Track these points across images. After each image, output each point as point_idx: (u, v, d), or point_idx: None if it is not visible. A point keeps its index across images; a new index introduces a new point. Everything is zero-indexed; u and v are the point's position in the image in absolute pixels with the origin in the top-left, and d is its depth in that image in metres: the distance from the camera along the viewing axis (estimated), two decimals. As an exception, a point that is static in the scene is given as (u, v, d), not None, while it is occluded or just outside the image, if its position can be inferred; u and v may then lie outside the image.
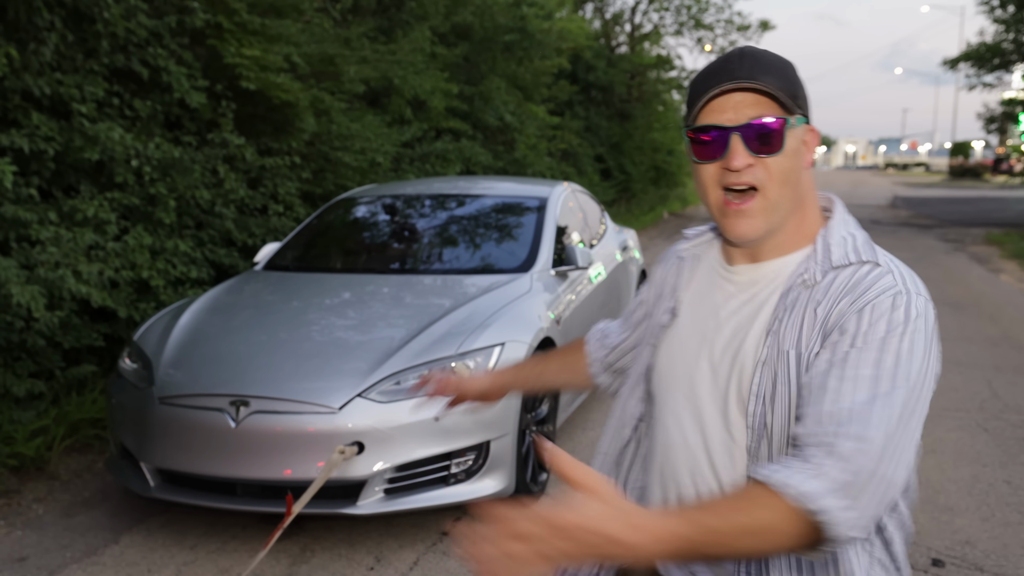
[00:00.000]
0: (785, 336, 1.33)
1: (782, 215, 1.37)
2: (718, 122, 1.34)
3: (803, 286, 1.35)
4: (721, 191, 1.37)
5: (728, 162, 1.34)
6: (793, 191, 1.37)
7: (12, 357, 5.12)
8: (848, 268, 1.34)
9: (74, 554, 3.89)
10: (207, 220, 6.74)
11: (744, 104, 1.33)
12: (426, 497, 3.81)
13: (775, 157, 1.34)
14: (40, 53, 5.41)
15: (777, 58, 1.38)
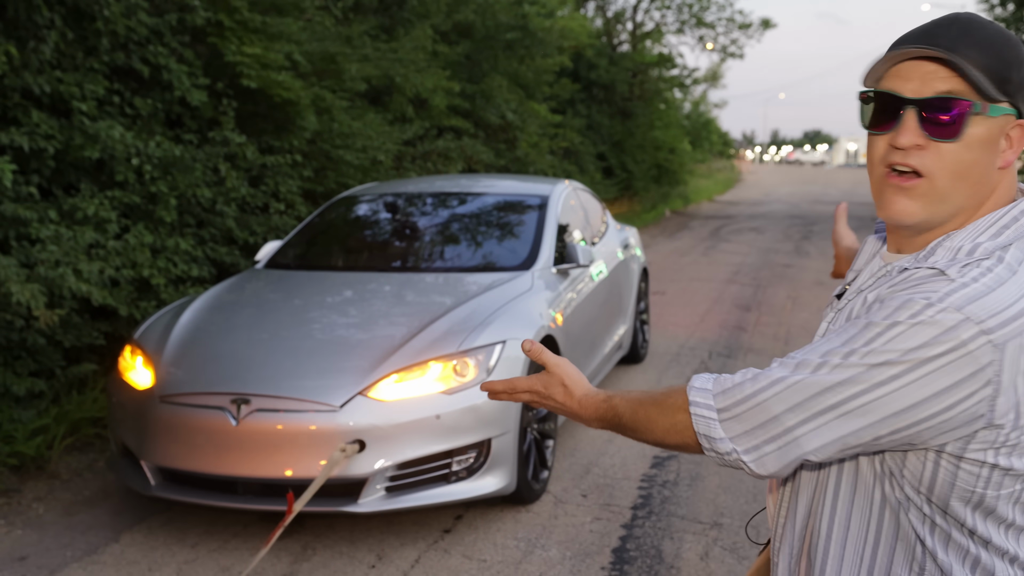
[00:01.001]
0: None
1: (949, 210, 1.20)
2: (899, 90, 1.19)
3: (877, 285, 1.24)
4: (886, 168, 1.21)
5: (895, 138, 1.19)
6: (971, 188, 1.19)
7: (12, 356, 5.12)
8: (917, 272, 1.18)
9: (75, 553, 3.89)
10: (208, 218, 6.73)
11: (935, 76, 1.17)
12: (427, 495, 3.80)
13: (951, 144, 1.16)
14: (40, 51, 5.40)
15: (998, 32, 1.19)
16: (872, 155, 1.24)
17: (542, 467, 4.41)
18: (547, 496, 4.40)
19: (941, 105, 1.16)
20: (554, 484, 4.53)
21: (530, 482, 4.22)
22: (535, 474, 4.31)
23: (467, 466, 3.89)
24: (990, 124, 1.17)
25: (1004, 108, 1.17)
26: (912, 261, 1.21)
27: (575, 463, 4.84)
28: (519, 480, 4.08)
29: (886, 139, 1.21)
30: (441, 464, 3.84)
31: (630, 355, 6.74)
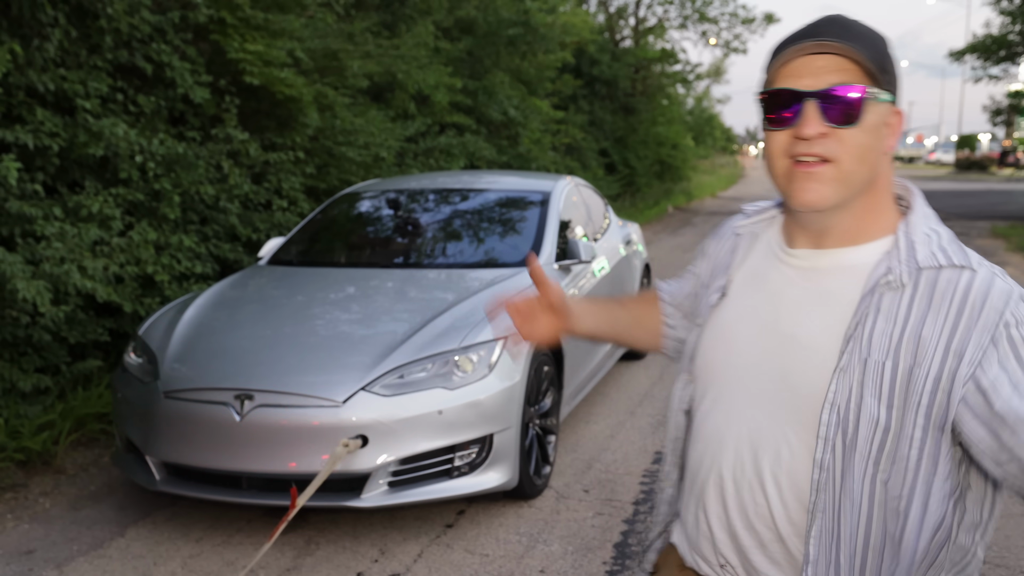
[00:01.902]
0: (874, 345, 1.22)
1: (853, 192, 1.26)
2: (795, 86, 1.25)
3: (887, 287, 1.24)
4: (789, 160, 1.27)
5: (800, 130, 1.24)
6: (869, 170, 1.26)
7: (18, 352, 5.15)
8: (942, 272, 1.23)
9: (80, 547, 3.92)
10: (211, 215, 6.76)
11: (826, 69, 1.23)
12: (430, 490, 3.83)
13: (851, 129, 1.23)
14: (44, 49, 5.43)
15: (869, 28, 1.28)
16: (773, 150, 1.29)
17: (544, 462, 4.43)
18: (549, 491, 4.42)
19: (840, 94, 1.23)
20: (556, 479, 4.56)
21: (532, 477, 4.25)
22: (537, 469, 4.33)
23: (469, 461, 3.92)
24: (879, 110, 1.26)
25: (887, 96, 1.26)
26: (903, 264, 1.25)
27: (577, 459, 4.86)
28: (521, 475, 4.11)
29: (788, 133, 1.26)
30: (443, 459, 3.86)
31: (632, 351, 6.76)
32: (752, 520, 1.33)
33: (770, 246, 1.42)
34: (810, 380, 1.27)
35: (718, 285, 1.46)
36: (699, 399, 1.44)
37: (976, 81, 26.37)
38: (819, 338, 1.28)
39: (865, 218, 1.30)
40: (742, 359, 1.36)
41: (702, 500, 1.40)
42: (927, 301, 1.21)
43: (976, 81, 26.37)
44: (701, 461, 1.40)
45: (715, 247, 1.55)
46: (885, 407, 1.21)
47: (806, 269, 1.33)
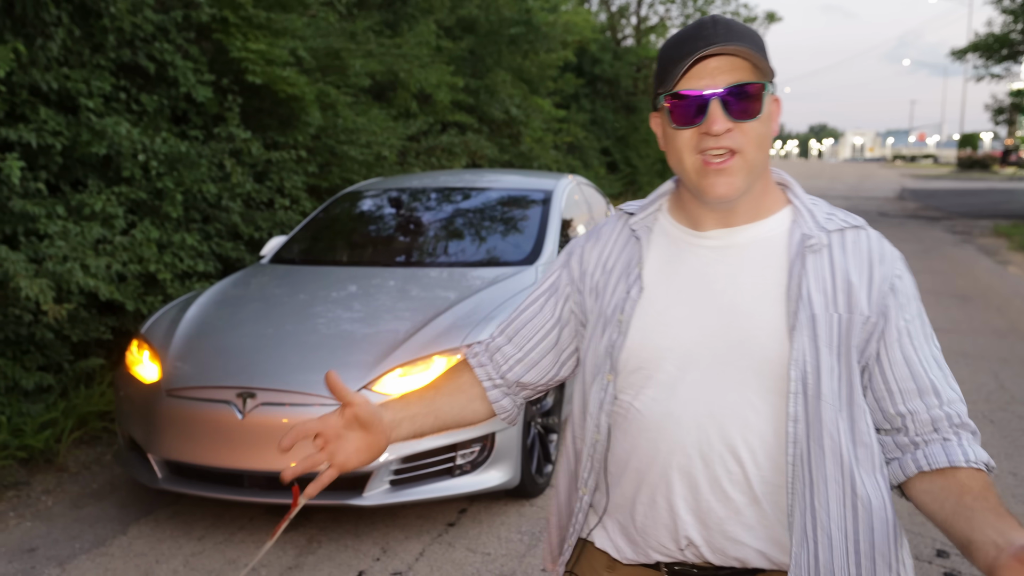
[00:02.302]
0: (815, 301, 1.35)
1: (756, 177, 1.40)
2: (696, 88, 1.34)
3: (810, 250, 1.39)
4: (698, 155, 1.37)
5: (708, 127, 1.34)
6: (766, 156, 1.40)
7: (21, 350, 5.16)
8: (847, 232, 1.42)
9: (83, 545, 3.93)
10: (214, 214, 6.77)
11: (721, 70, 1.34)
12: (432, 488, 3.84)
13: (753, 122, 1.35)
14: (47, 48, 5.44)
15: (747, 26, 1.39)
16: (680, 147, 1.39)
17: (546, 461, 4.44)
18: (550, 490, 4.43)
19: (740, 91, 1.34)
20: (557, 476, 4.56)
21: (534, 476, 4.25)
22: (539, 468, 4.34)
23: (471, 460, 3.92)
24: (769, 100, 1.39)
25: (770, 87, 1.39)
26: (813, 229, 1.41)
27: (578, 457, 4.86)
28: (523, 474, 4.11)
29: (695, 131, 1.36)
30: (445, 458, 3.87)
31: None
32: (727, 489, 1.38)
33: (670, 235, 1.49)
34: (765, 343, 1.36)
35: (630, 281, 1.48)
36: (634, 392, 1.45)
37: (978, 80, 26.36)
38: (761, 304, 1.38)
39: (764, 195, 1.45)
40: (683, 341, 1.41)
41: (662, 488, 1.41)
42: (843, 255, 1.40)
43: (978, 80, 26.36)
44: (655, 450, 1.41)
45: (599, 252, 1.56)
46: (836, 355, 1.35)
47: (724, 247, 1.43)
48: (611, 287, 1.50)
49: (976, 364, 6.75)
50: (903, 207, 24.69)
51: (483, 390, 1.63)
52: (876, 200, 27.53)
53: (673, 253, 1.47)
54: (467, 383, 1.64)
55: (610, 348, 1.46)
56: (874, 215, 21.15)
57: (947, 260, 12.86)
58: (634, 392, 1.44)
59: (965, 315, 8.68)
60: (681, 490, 1.40)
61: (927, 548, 3.78)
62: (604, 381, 1.47)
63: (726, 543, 1.39)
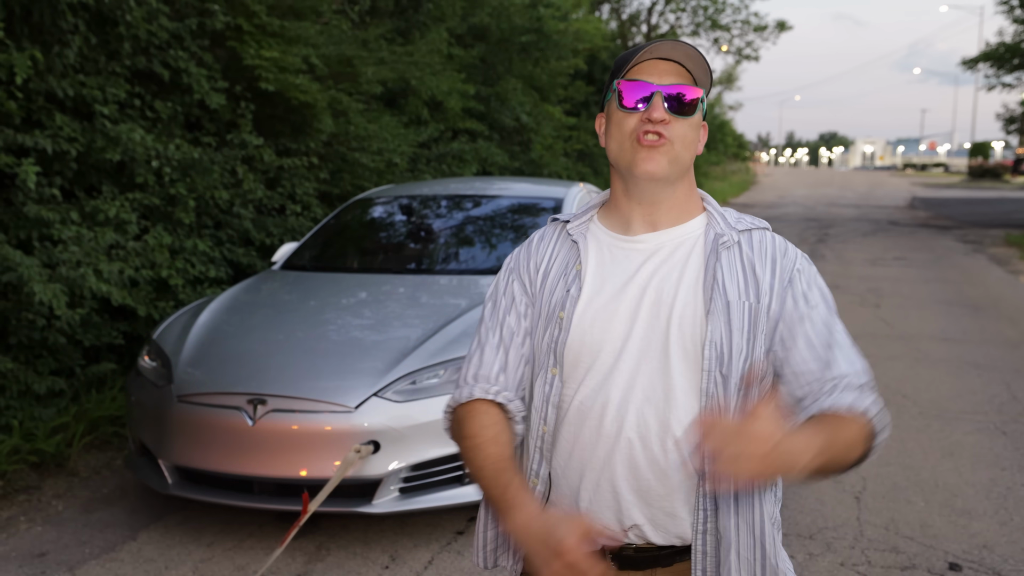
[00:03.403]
0: (728, 290, 1.53)
1: (680, 171, 1.58)
2: (649, 80, 1.55)
3: (724, 247, 1.57)
4: (635, 139, 1.55)
5: (649, 113, 1.53)
6: (689, 159, 1.59)
7: (33, 355, 5.19)
8: (754, 232, 1.61)
9: (92, 550, 3.94)
10: (226, 220, 6.80)
11: (667, 72, 1.55)
12: (441, 496, 3.84)
13: (686, 120, 1.55)
14: (64, 55, 5.48)
15: (698, 51, 1.58)
16: (623, 130, 1.57)
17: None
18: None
19: (680, 93, 1.55)
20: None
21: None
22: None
23: (480, 468, 3.91)
24: (699, 115, 1.59)
25: (704, 107, 1.61)
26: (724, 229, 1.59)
27: (588, 465, 4.86)
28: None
29: (637, 116, 1.55)
30: (455, 466, 3.87)
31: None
32: (664, 468, 1.50)
33: (603, 241, 1.64)
34: (686, 328, 1.52)
35: (569, 280, 1.61)
36: (576, 384, 1.57)
37: (989, 89, 26.25)
38: (683, 295, 1.54)
39: (687, 199, 1.63)
40: (619, 333, 1.55)
41: (606, 472, 1.52)
42: (751, 251, 1.58)
43: (989, 89, 26.25)
44: (597, 436, 1.53)
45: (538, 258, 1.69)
46: (745, 339, 1.51)
47: (650, 249, 1.60)
48: (549, 288, 1.64)
49: (988, 375, 6.72)
50: (914, 216, 24.60)
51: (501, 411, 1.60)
52: (887, 209, 27.44)
53: (606, 256, 1.62)
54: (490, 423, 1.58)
55: (552, 344, 1.59)
56: (885, 224, 21.09)
57: (958, 270, 12.81)
58: (576, 384, 1.57)
59: (976, 325, 8.65)
60: (623, 472, 1.52)
61: (939, 561, 3.76)
62: (548, 375, 1.59)
63: (667, 520, 1.52)
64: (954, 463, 4.89)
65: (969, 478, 4.68)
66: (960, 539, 3.98)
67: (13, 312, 4.93)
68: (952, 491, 4.50)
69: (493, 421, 1.58)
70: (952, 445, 5.16)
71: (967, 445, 5.18)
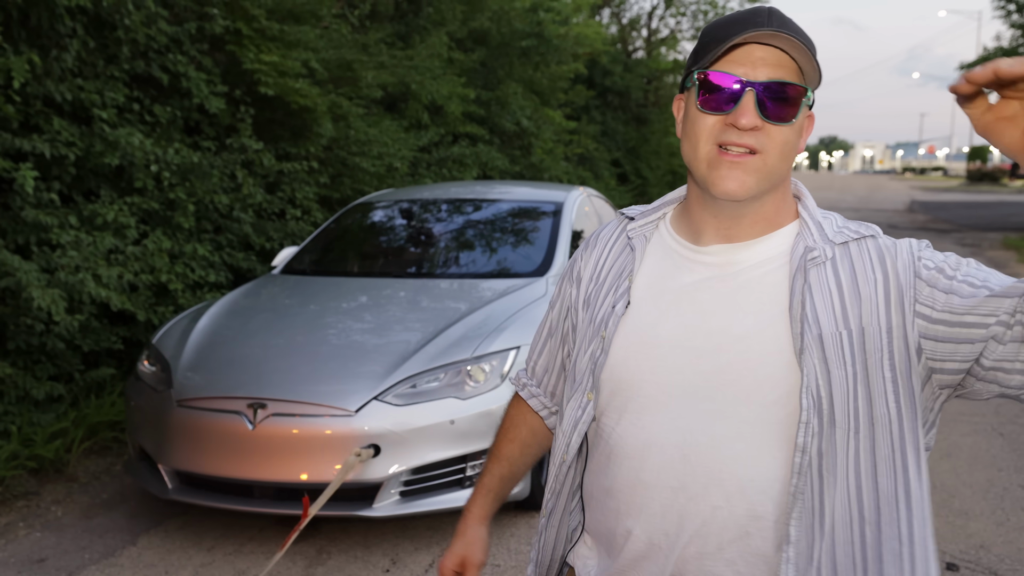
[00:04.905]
0: (821, 319, 1.22)
1: (771, 186, 1.27)
2: (735, 73, 1.22)
3: (813, 263, 1.25)
4: (716, 146, 1.24)
5: (735, 118, 1.21)
6: (787, 168, 1.27)
7: (32, 360, 5.18)
8: (851, 244, 1.28)
9: (92, 555, 3.93)
10: (225, 224, 6.79)
11: (765, 62, 1.22)
12: (442, 500, 3.83)
13: (784, 127, 1.23)
14: (62, 59, 5.48)
15: (802, 28, 1.26)
16: (699, 132, 1.26)
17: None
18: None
19: (779, 90, 1.22)
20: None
21: (544, 488, 4.24)
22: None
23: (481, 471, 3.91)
24: (805, 111, 1.26)
25: (812, 97, 1.27)
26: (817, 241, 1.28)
27: (588, 469, 4.85)
28: (533, 485, 4.11)
29: (720, 119, 1.24)
30: (455, 469, 3.87)
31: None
32: (710, 525, 1.26)
33: (668, 247, 1.38)
34: (761, 369, 1.23)
35: (619, 292, 1.38)
36: (617, 416, 1.34)
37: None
38: (757, 326, 1.25)
39: (776, 210, 1.32)
40: (667, 365, 1.30)
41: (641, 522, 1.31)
42: (850, 265, 1.26)
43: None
44: (636, 481, 1.31)
45: (595, 261, 1.47)
46: (851, 373, 1.21)
47: (722, 264, 1.31)
48: (600, 299, 1.41)
49: (988, 378, 6.71)
50: (913, 219, 24.62)
51: (540, 419, 1.64)
52: (886, 212, 27.46)
53: (667, 267, 1.36)
54: (523, 425, 1.65)
55: (592, 365, 1.37)
56: (884, 227, 20.90)
57: (958, 273, 12.80)
58: (616, 416, 1.34)
59: (976, 329, 8.64)
60: (662, 525, 1.29)
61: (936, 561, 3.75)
62: (583, 399, 1.39)
63: None
64: (951, 464, 4.89)
65: (966, 479, 4.68)
66: (957, 539, 3.98)
67: (11, 317, 4.92)
68: (949, 491, 4.50)
69: (520, 421, 1.65)
70: (950, 446, 5.16)
71: (964, 446, 5.19)
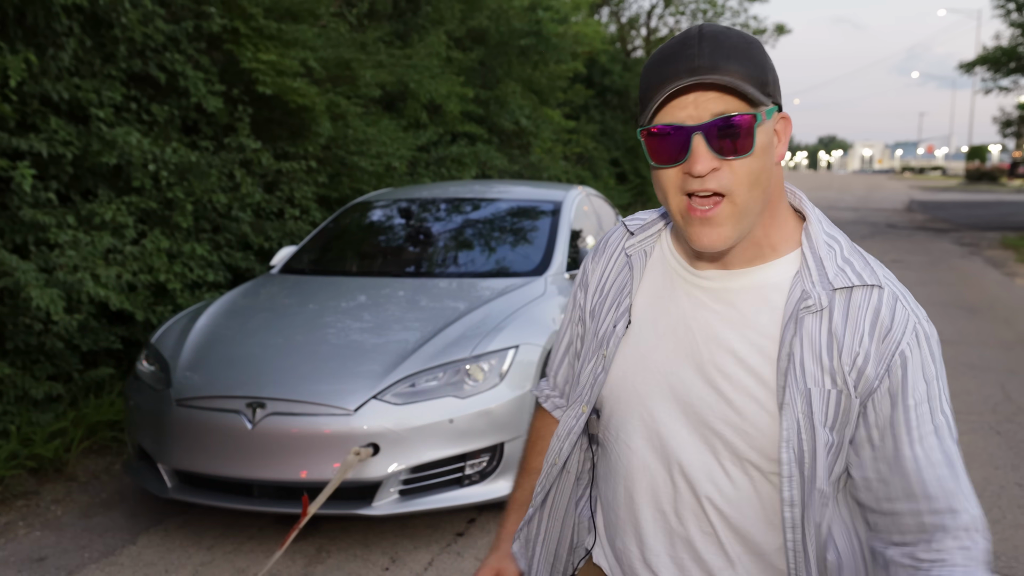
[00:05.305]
0: (807, 373, 1.20)
1: (751, 220, 1.21)
2: (677, 120, 1.17)
3: (807, 312, 1.21)
4: (684, 197, 1.20)
5: (690, 166, 1.17)
6: (763, 192, 1.21)
7: (31, 360, 5.18)
8: (854, 291, 1.22)
9: (92, 555, 3.93)
10: (224, 224, 6.79)
11: (707, 98, 1.16)
12: (441, 498, 3.83)
13: (743, 159, 1.17)
14: (59, 58, 5.47)
15: (741, 38, 1.19)
16: (665, 186, 1.22)
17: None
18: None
19: (727, 125, 1.15)
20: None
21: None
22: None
23: (480, 470, 3.92)
24: (766, 128, 1.19)
25: (772, 109, 1.20)
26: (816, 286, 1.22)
27: (587, 468, 4.85)
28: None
29: (678, 170, 1.19)
30: (454, 468, 3.87)
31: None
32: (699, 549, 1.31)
33: (668, 265, 1.36)
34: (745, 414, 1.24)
35: (621, 311, 1.37)
36: (613, 432, 1.38)
37: (986, 92, 26.30)
38: (746, 368, 1.24)
39: (768, 234, 1.26)
40: (662, 389, 1.30)
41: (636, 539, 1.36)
42: (844, 319, 1.21)
43: (986, 92, 26.30)
44: (630, 500, 1.35)
45: (600, 269, 1.46)
46: (831, 429, 1.21)
47: (717, 290, 1.28)
48: (603, 313, 1.40)
49: (983, 376, 6.72)
50: (911, 219, 24.63)
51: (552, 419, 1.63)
52: (884, 212, 27.47)
53: (666, 287, 1.34)
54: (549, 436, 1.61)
55: (592, 381, 1.38)
56: (883, 226, 21.10)
57: (955, 272, 12.82)
58: (614, 434, 1.37)
59: (972, 327, 8.65)
60: (654, 545, 1.33)
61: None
62: (579, 410, 1.41)
63: None
64: (953, 464, 4.89)
65: (968, 479, 4.68)
66: (960, 540, 3.97)
67: (10, 317, 4.92)
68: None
69: (546, 432, 1.62)
70: (951, 446, 5.16)
71: (962, 445, 5.15)
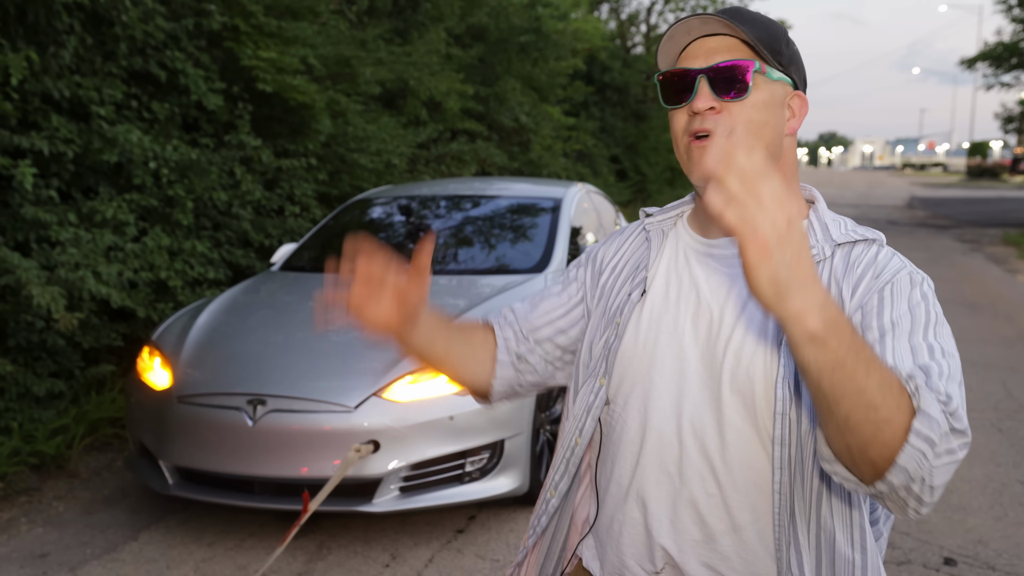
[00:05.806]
0: None
1: None
2: (689, 66, 1.33)
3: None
4: (689, 137, 1.32)
5: (692, 105, 1.31)
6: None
7: (33, 357, 5.19)
8: (856, 244, 1.31)
9: (94, 551, 3.95)
10: (224, 221, 6.80)
11: (716, 50, 1.31)
12: (441, 495, 3.85)
13: (740, 102, 1.29)
14: (59, 56, 5.48)
15: (762, 15, 1.35)
16: (675, 129, 1.35)
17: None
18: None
19: (727, 70, 1.30)
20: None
21: (543, 483, 4.26)
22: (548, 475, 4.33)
23: (480, 467, 3.93)
24: (772, 88, 1.32)
25: (781, 75, 1.33)
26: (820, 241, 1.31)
27: (587, 464, 4.86)
28: (532, 481, 4.12)
29: (685, 111, 1.33)
30: (454, 464, 3.88)
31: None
32: (703, 513, 1.31)
33: (682, 242, 1.44)
34: (748, 359, 1.28)
35: (636, 282, 1.44)
36: (622, 400, 1.40)
37: (988, 88, 26.27)
38: (750, 318, 1.30)
39: None
40: (673, 352, 1.35)
41: (640, 504, 1.36)
42: (844, 265, 1.29)
43: (988, 88, 26.27)
44: (636, 463, 1.37)
45: (615, 249, 1.53)
46: None
47: (728, 256, 1.36)
48: (617, 288, 1.47)
49: (984, 373, 6.73)
50: (912, 215, 24.63)
51: (495, 352, 1.60)
52: (885, 208, 27.46)
53: (681, 260, 1.42)
54: (482, 340, 1.61)
55: (606, 351, 1.42)
56: (883, 223, 21.09)
57: (956, 268, 12.82)
58: (623, 401, 1.40)
59: (974, 324, 8.66)
60: (656, 508, 1.34)
61: (935, 556, 3.77)
62: (596, 384, 1.43)
63: (700, 570, 1.32)
64: (952, 460, 4.90)
65: (965, 474, 4.69)
66: (955, 534, 3.99)
67: (12, 315, 4.93)
68: (948, 487, 4.51)
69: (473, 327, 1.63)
70: (950, 442, 5.17)
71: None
